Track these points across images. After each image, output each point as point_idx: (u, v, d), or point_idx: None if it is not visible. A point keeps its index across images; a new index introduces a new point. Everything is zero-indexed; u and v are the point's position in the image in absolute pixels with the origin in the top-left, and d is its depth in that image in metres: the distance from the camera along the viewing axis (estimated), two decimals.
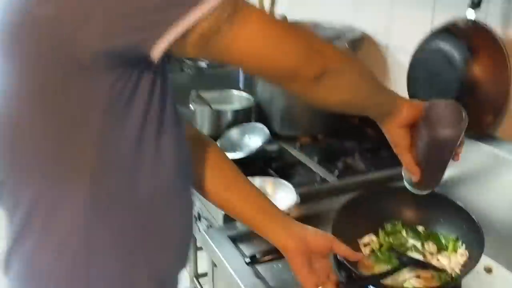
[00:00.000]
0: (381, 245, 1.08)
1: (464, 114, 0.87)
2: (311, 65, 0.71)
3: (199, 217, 1.48)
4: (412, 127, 0.89)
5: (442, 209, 1.11)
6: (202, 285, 1.94)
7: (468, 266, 0.99)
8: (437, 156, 0.91)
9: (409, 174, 0.95)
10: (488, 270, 1.10)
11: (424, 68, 1.29)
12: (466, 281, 1.01)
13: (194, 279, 2.05)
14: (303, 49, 0.70)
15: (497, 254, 1.11)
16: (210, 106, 1.66)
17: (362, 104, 0.85)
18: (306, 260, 0.85)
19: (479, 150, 1.22)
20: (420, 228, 1.12)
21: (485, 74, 1.18)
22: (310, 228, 0.89)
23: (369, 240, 1.09)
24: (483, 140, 1.21)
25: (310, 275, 0.85)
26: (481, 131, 1.21)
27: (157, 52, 0.63)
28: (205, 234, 1.15)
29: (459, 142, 0.89)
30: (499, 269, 1.10)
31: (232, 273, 1.03)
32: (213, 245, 1.12)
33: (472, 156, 1.24)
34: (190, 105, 1.69)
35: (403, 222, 1.13)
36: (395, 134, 0.91)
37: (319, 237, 0.87)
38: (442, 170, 0.95)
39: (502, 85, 1.16)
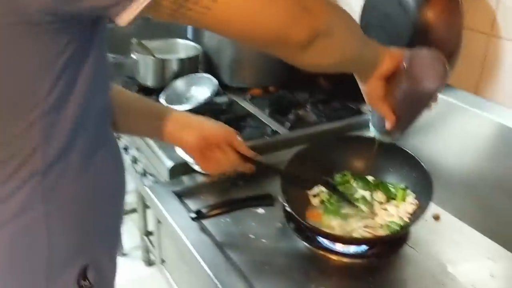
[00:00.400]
0: (330, 196, 1.05)
1: (447, 66, 0.83)
2: (300, 27, 0.65)
3: (144, 173, 1.41)
4: (390, 76, 0.86)
5: (391, 158, 1.09)
6: (153, 243, 1.89)
7: (417, 214, 0.99)
8: (415, 107, 0.90)
9: (380, 123, 0.91)
10: (436, 218, 1.10)
11: (377, 13, 1.24)
12: (415, 229, 1.01)
13: (144, 237, 2.01)
14: (290, 8, 0.64)
15: (445, 201, 1.12)
16: (153, 55, 1.56)
17: (352, 61, 0.81)
18: (206, 151, 0.96)
19: None
20: (370, 178, 1.10)
21: (437, 19, 1.14)
22: (207, 121, 0.98)
23: (319, 191, 1.06)
24: None
25: (211, 164, 0.99)
26: None
27: (126, 16, 0.57)
28: (148, 190, 1.09)
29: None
30: (447, 216, 1.10)
31: (177, 229, 0.98)
32: (157, 201, 1.06)
33: None
34: (132, 55, 1.58)
35: (353, 172, 1.11)
36: (374, 87, 0.88)
37: (215, 129, 0.96)
38: (416, 119, 0.93)
39: (454, 31, 1.13)
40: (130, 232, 2.30)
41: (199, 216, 0.96)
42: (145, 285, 2.06)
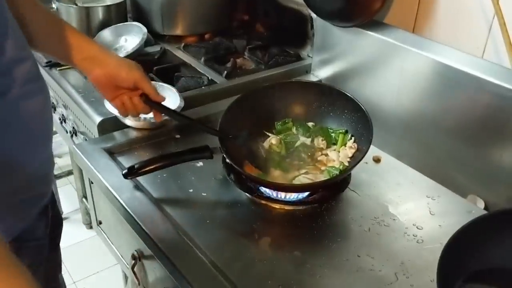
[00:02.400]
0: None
1: None
2: None
3: (75, 133, 1.32)
4: None
5: (331, 103, 1.06)
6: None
7: (356, 158, 0.97)
8: None
9: None
10: (377, 160, 1.09)
11: None
12: (356, 173, 1.00)
13: (83, 199, 1.92)
14: None
15: (385, 144, 1.11)
16: (75, 3, 1.43)
17: None
18: (114, 91, 0.95)
19: (367, 39, 1.17)
20: (310, 124, 1.07)
21: None
22: (121, 61, 0.95)
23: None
24: (370, 28, 1.16)
25: (117, 104, 0.97)
26: (369, 18, 1.16)
27: None
28: (76, 148, 1.01)
29: None
30: (387, 158, 1.10)
31: (109, 188, 0.92)
32: (86, 160, 0.99)
33: (360, 45, 1.19)
34: (52, 4, 1.44)
35: (293, 119, 1.08)
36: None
37: (126, 72, 0.93)
38: None
39: None
40: (69, 195, 2.21)
41: (131, 172, 0.90)
42: (86, 248, 1.99)
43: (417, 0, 1.11)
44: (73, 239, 2.04)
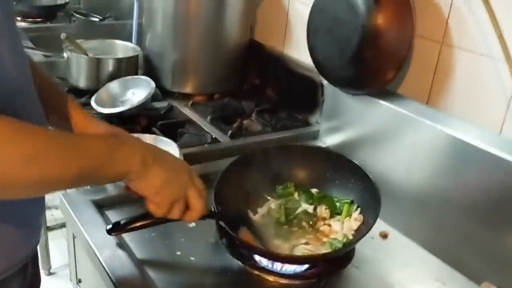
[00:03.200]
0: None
1: None
2: None
3: None
4: None
5: (338, 170, 1.00)
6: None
7: (362, 231, 0.90)
8: None
9: None
10: (384, 236, 1.02)
11: (325, 16, 1.17)
12: (360, 248, 0.92)
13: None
14: None
15: (394, 219, 1.04)
16: (86, 53, 1.42)
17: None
18: None
19: (378, 108, 1.12)
20: (314, 191, 1.00)
21: (388, 24, 1.08)
22: None
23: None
24: (383, 98, 1.12)
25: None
26: (382, 87, 1.12)
27: None
28: (63, 199, 0.95)
29: None
30: (395, 235, 1.02)
31: (91, 243, 0.85)
32: (71, 212, 0.92)
33: (371, 114, 1.15)
34: (64, 53, 1.44)
35: (296, 184, 1.01)
36: None
37: None
38: None
39: (405, 37, 1.07)
40: (60, 249, 2.11)
41: (115, 228, 0.83)
42: None
43: (432, 72, 1.08)
44: None
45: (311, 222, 0.94)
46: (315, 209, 0.97)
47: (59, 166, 0.57)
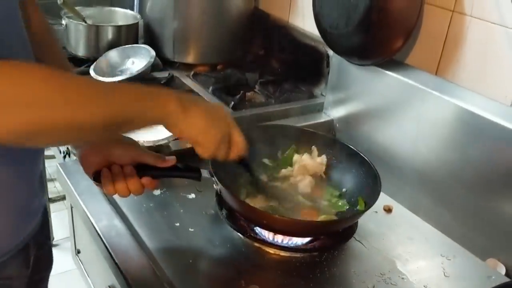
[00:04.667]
0: None
1: None
2: None
3: (68, 153, 1.24)
4: None
5: (337, 156, 0.97)
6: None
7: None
8: None
9: None
10: (388, 210, 1.00)
11: None
12: (363, 222, 0.90)
13: None
14: None
15: (398, 193, 1.02)
16: (85, 21, 1.38)
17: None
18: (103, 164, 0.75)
19: (385, 79, 1.09)
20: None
21: None
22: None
23: None
24: (390, 68, 1.08)
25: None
26: (389, 57, 1.08)
27: None
28: (59, 167, 0.93)
29: None
30: (399, 209, 1.00)
31: (87, 212, 0.83)
32: (67, 181, 0.90)
33: (378, 85, 1.11)
34: (62, 20, 1.40)
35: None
36: None
37: (118, 150, 0.75)
38: None
39: (414, 4, 1.03)
40: (64, 221, 2.11)
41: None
42: (72, 279, 1.88)
43: (442, 41, 1.04)
44: (61, 267, 1.93)
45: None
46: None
47: (91, 110, 0.55)
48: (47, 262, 0.82)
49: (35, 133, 0.52)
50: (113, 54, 1.36)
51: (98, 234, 0.79)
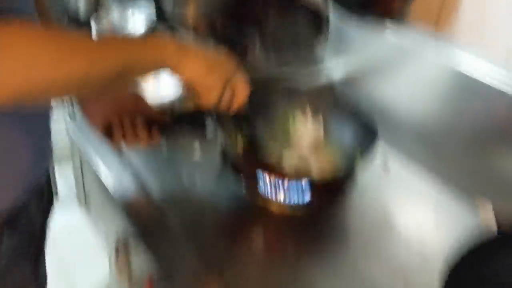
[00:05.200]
0: None
1: None
2: None
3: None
4: None
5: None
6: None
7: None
8: None
9: None
10: (385, 165, 1.03)
11: None
12: (362, 178, 0.94)
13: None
14: None
15: (396, 148, 1.06)
16: None
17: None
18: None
19: (383, 40, 1.11)
20: None
21: None
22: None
23: None
24: (389, 29, 1.10)
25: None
26: (390, 15, 1.09)
27: None
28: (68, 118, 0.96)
29: None
30: (396, 163, 1.04)
31: (98, 167, 0.87)
32: (79, 136, 0.93)
33: (376, 46, 1.14)
34: None
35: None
36: None
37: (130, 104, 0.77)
38: None
39: None
40: (67, 175, 2.15)
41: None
42: (78, 231, 1.94)
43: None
44: (67, 221, 1.99)
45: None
46: None
47: (90, 63, 0.56)
48: (51, 200, 0.86)
49: (37, 91, 0.53)
50: (112, 10, 1.35)
51: (109, 188, 0.83)
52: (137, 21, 1.30)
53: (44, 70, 0.52)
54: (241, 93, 0.72)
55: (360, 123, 0.96)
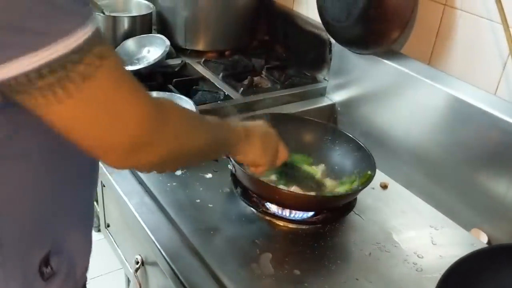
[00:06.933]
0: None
1: None
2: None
3: None
4: None
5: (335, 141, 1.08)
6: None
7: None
8: None
9: None
10: (384, 187, 1.11)
11: None
12: (361, 197, 1.01)
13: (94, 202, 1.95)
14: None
15: (393, 171, 1.13)
16: (103, 12, 1.48)
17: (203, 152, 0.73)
18: None
19: (382, 67, 1.19)
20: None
21: None
22: None
23: None
24: (387, 57, 1.18)
25: None
26: (386, 47, 1.18)
27: None
28: None
29: None
30: (394, 186, 1.11)
31: (120, 191, 0.95)
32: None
33: (376, 72, 1.21)
34: None
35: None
36: None
37: None
38: None
39: None
40: None
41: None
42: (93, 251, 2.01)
43: (435, 33, 1.13)
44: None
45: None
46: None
47: (209, 137, 0.70)
48: None
49: (180, 157, 0.64)
50: (130, 44, 1.45)
51: (131, 210, 0.91)
52: (152, 55, 1.40)
53: (188, 140, 0.64)
54: (281, 158, 0.90)
55: (359, 147, 1.04)
